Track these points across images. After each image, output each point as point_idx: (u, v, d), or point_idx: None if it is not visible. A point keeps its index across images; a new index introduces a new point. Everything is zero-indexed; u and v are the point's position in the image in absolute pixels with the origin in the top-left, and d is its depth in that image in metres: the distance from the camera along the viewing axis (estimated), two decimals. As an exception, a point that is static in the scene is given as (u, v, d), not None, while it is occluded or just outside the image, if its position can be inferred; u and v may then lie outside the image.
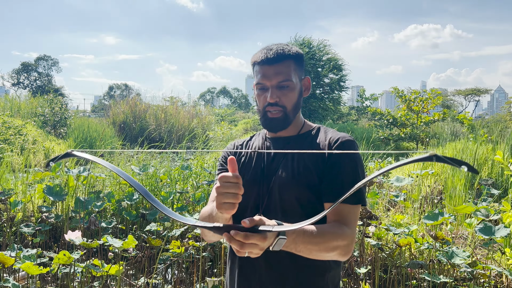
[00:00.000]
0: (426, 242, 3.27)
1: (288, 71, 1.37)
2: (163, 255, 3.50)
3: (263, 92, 1.40)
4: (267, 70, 1.37)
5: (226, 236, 0.96)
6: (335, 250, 1.20)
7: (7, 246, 3.76)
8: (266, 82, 1.38)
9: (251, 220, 0.95)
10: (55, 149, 11.11)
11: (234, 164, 1.05)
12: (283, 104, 1.38)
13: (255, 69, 1.41)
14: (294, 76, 1.39)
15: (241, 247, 0.95)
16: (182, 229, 3.47)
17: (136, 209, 4.59)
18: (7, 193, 4.32)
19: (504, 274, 3.18)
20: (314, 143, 1.43)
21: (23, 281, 3.21)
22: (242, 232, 0.94)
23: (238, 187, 1.03)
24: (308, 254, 1.16)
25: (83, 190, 4.93)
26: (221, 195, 1.03)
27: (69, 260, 2.61)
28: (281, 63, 1.37)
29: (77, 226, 4.05)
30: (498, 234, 2.98)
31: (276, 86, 1.37)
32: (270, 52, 1.37)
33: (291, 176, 1.36)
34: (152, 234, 4.15)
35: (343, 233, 1.23)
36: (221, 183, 1.04)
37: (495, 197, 4.85)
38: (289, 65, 1.38)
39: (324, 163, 1.35)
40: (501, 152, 3.49)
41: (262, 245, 0.97)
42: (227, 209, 1.03)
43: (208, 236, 1.38)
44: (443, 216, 3.23)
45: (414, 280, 3.31)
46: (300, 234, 1.11)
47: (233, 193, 1.02)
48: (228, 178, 1.03)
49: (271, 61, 1.37)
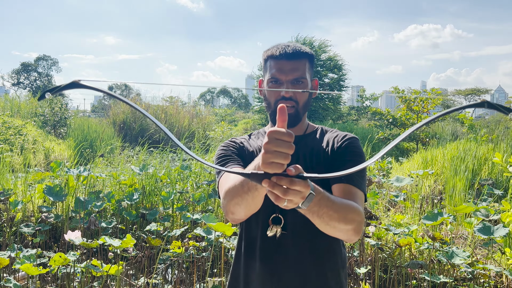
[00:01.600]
0: (426, 242, 3.27)
1: (303, 68, 1.38)
2: (163, 255, 3.50)
3: (277, 86, 1.39)
4: (284, 65, 1.37)
5: (267, 182, 0.89)
6: (351, 223, 1.18)
7: (7, 246, 3.76)
8: (281, 77, 1.37)
9: (296, 168, 0.89)
10: (55, 149, 11.11)
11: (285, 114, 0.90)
12: (296, 99, 1.38)
13: (269, 64, 1.40)
14: (308, 75, 1.40)
15: (284, 193, 0.89)
16: (182, 229, 3.47)
17: (136, 209, 4.59)
18: (7, 193, 4.32)
19: (504, 274, 3.18)
20: (321, 141, 1.45)
21: (23, 281, 3.21)
22: (287, 177, 0.88)
23: (291, 146, 0.89)
24: (327, 223, 1.12)
25: (83, 190, 4.93)
26: (270, 153, 0.88)
27: (65, 262, 2.61)
28: (298, 60, 1.37)
29: (77, 226, 4.05)
30: (497, 234, 2.98)
31: (291, 82, 1.37)
32: (289, 48, 1.38)
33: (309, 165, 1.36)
34: (152, 234, 4.15)
35: (358, 208, 1.23)
36: (271, 139, 0.88)
37: (495, 197, 4.85)
38: (304, 63, 1.39)
39: (334, 153, 1.39)
40: (500, 154, 3.49)
41: (305, 193, 0.92)
42: (274, 169, 0.89)
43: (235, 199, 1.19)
44: (442, 216, 3.23)
45: (414, 280, 3.31)
46: (325, 197, 1.08)
47: (285, 153, 0.88)
48: (282, 134, 0.88)
49: (289, 56, 1.36)
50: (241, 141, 1.53)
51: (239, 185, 1.15)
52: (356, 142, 1.43)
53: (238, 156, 1.45)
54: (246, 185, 1.11)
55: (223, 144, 1.52)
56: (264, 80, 1.44)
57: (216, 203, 4.81)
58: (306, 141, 1.45)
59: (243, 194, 1.14)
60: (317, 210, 1.07)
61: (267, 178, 0.90)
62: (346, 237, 1.24)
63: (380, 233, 3.46)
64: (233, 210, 1.23)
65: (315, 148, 1.44)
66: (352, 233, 1.21)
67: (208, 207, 4.74)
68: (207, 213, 4.68)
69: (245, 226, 1.47)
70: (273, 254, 1.40)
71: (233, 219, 1.29)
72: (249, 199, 1.14)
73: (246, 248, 1.46)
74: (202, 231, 3.20)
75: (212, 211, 4.67)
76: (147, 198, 4.93)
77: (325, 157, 1.40)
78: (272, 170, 0.89)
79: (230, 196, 1.20)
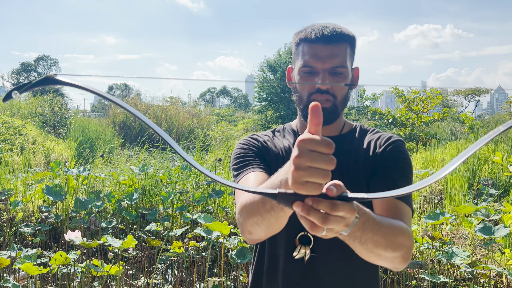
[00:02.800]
0: (426, 242, 3.27)
1: (344, 55, 1.14)
2: (163, 255, 3.50)
3: (310, 76, 1.14)
4: (321, 50, 1.12)
5: (300, 206, 0.66)
6: (400, 249, 0.95)
7: (7, 246, 3.75)
8: (317, 65, 1.12)
9: (337, 186, 0.66)
10: (55, 149, 11.11)
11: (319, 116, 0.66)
12: (334, 93, 1.15)
13: (302, 49, 1.15)
14: (349, 63, 1.16)
15: (324, 221, 0.66)
16: (182, 229, 3.47)
17: (136, 209, 4.59)
18: (7, 193, 4.32)
19: (504, 274, 3.18)
20: (361, 143, 1.22)
21: (23, 281, 3.21)
22: (328, 200, 0.66)
23: (332, 160, 0.65)
24: (371, 250, 0.90)
25: (83, 190, 4.93)
26: (304, 170, 0.65)
27: (66, 261, 2.61)
28: (337, 44, 1.13)
29: (77, 226, 4.05)
30: (498, 234, 2.98)
31: (329, 71, 1.13)
32: (327, 29, 1.12)
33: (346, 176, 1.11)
34: (152, 234, 4.15)
35: (408, 231, 1.00)
36: (303, 151, 0.65)
37: (495, 197, 4.85)
38: (345, 48, 1.14)
39: (376, 159, 1.17)
40: (500, 153, 3.49)
41: (350, 219, 0.69)
42: (309, 191, 0.66)
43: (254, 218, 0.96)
44: (444, 216, 3.23)
45: (414, 280, 3.31)
46: (370, 219, 0.85)
47: (324, 170, 0.65)
48: (317, 144, 0.65)
49: (328, 39, 1.12)
50: (264, 139, 1.28)
51: (259, 201, 0.92)
52: (402, 146, 1.19)
53: (260, 157, 1.22)
54: (268, 203, 0.89)
55: (243, 141, 1.28)
56: (295, 68, 1.20)
57: (216, 202, 4.81)
58: (343, 143, 1.21)
59: (264, 213, 0.92)
60: (359, 236, 0.85)
61: (299, 200, 0.67)
62: (392, 266, 1.01)
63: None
64: (251, 230, 1.00)
65: (354, 152, 1.20)
66: (400, 261, 0.98)
67: (208, 207, 4.74)
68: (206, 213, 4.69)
69: (267, 241, 1.20)
70: (299, 281, 1.16)
71: (251, 239, 1.06)
72: (271, 219, 0.91)
73: (268, 270, 1.22)
74: (202, 231, 3.20)
75: (212, 211, 4.67)
76: (147, 198, 4.93)
77: (366, 163, 1.17)
78: (307, 191, 0.66)
79: (247, 213, 0.98)
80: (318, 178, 0.65)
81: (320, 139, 0.65)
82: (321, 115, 0.66)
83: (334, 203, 0.66)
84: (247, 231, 1.02)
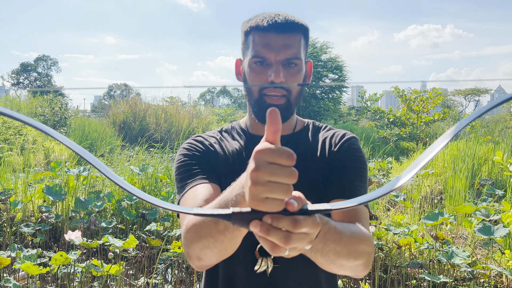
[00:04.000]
0: (426, 242, 3.27)
1: (298, 46, 1.04)
2: (163, 255, 3.50)
3: (263, 68, 1.03)
4: (274, 40, 1.01)
5: (258, 226, 0.59)
6: (362, 257, 0.90)
7: (7, 246, 3.76)
8: (270, 56, 1.02)
9: (298, 199, 0.59)
10: (55, 149, 11.12)
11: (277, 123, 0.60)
12: (288, 87, 1.05)
13: (252, 38, 1.04)
14: (303, 55, 1.06)
15: (286, 240, 0.59)
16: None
17: (136, 209, 4.59)
18: (7, 193, 4.32)
19: (504, 274, 3.18)
20: (315, 141, 1.15)
21: (23, 281, 3.21)
22: (289, 216, 0.59)
23: (293, 173, 0.59)
24: (333, 261, 0.83)
25: (83, 190, 4.93)
26: (262, 185, 0.58)
27: (66, 261, 2.62)
28: (291, 34, 1.03)
29: (77, 226, 4.05)
30: (497, 234, 2.98)
31: (283, 62, 1.02)
32: (280, 17, 1.02)
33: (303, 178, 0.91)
34: (152, 234, 4.15)
35: (369, 237, 0.94)
36: (261, 163, 0.58)
37: (495, 197, 4.85)
38: (299, 39, 1.05)
39: (331, 158, 1.10)
40: (501, 153, 3.49)
41: (313, 235, 0.63)
42: (270, 208, 0.59)
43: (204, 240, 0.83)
44: (443, 216, 3.23)
45: (414, 280, 3.31)
46: (331, 229, 0.77)
47: (285, 184, 0.58)
48: (277, 155, 0.58)
49: (281, 28, 1.01)
50: (211, 141, 1.15)
51: (210, 221, 0.79)
52: (357, 143, 1.14)
53: (206, 164, 1.08)
54: (222, 222, 0.76)
55: (186, 145, 1.13)
56: (245, 60, 1.08)
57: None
58: (297, 142, 1.13)
59: (216, 235, 0.79)
60: (321, 248, 0.77)
61: (257, 219, 0.60)
62: (353, 274, 0.94)
63: (380, 233, 3.46)
64: (200, 255, 0.87)
65: (309, 151, 1.12)
66: (362, 268, 0.93)
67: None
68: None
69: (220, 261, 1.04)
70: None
71: (200, 266, 0.92)
72: (225, 240, 0.79)
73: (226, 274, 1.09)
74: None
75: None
76: (147, 198, 4.92)
77: (321, 163, 1.10)
78: (267, 208, 0.59)
79: (196, 235, 0.84)
80: (279, 193, 0.58)
81: (279, 149, 0.59)
82: (280, 122, 0.60)
83: (296, 219, 0.59)
84: (195, 257, 0.88)
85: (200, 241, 0.84)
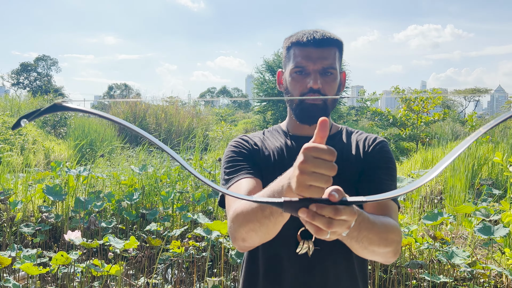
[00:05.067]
0: (426, 242, 3.27)
1: (333, 58, 1.21)
2: (163, 255, 3.50)
3: (303, 77, 1.20)
4: (312, 53, 1.18)
5: (305, 212, 0.72)
6: (391, 245, 1.04)
7: (7, 246, 3.76)
8: (309, 66, 1.18)
9: (338, 191, 0.73)
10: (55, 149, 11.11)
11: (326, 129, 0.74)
12: (325, 92, 1.20)
13: (293, 52, 1.22)
14: (338, 65, 1.23)
15: (328, 225, 0.72)
16: (182, 229, 3.47)
17: (136, 209, 4.59)
18: (7, 193, 4.32)
19: (504, 274, 3.18)
20: (349, 143, 1.29)
21: (23, 281, 3.21)
22: (331, 205, 0.72)
23: (334, 167, 0.73)
24: (366, 247, 0.97)
25: (83, 190, 4.93)
26: (308, 175, 0.73)
27: (67, 261, 2.62)
28: (327, 47, 1.20)
29: (77, 226, 4.05)
30: (497, 234, 2.98)
31: (320, 71, 1.19)
32: (318, 34, 1.20)
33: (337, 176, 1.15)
34: (152, 234, 4.15)
35: (397, 227, 1.08)
36: (308, 157, 0.73)
37: (495, 197, 4.85)
38: (335, 52, 1.22)
39: (365, 159, 1.24)
40: (500, 153, 3.49)
41: (351, 222, 0.76)
42: (312, 193, 0.74)
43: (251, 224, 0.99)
44: (442, 216, 3.23)
45: (414, 280, 3.31)
46: (365, 219, 0.92)
47: (326, 176, 0.73)
48: (322, 152, 0.73)
49: (319, 43, 1.19)
50: (255, 140, 1.31)
51: (257, 207, 0.96)
52: (387, 146, 1.27)
53: (250, 161, 1.24)
54: (268, 209, 0.93)
55: (234, 143, 1.30)
56: (286, 71, 1.26)
57: (216, 202, 4.81)
58: (334, 143, 1.24)
59: (262, 219, 0.95)
60: (356, 235, 0.92)
61: (304, 207, 0.73)
62: (384, 260, 1.09)
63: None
64: (245, 237, 1.03)
65: (344, 152, 1.26)
66: (391, 255, 1.07)
67: (208, 207, 4.74)
68: (206, 213, 4.69)
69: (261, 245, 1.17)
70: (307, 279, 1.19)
71: (243, 247, 1.09)
72: (270, 224, 0.95)
73: (266, 273, 1.22)
74: (202, 231, 3.20)
75: (212, 211, 4.67)
76: (147, 198, 4.93)
77: (356, 162, 1.24)
78: (310, 194, 0.74)
79: (244, 220, 1.01)
80: (321, 182, 0.73)
81: (323, 147, 0.73)
82: (328, 130, 0.73)
83: (337, 208, 0.72)
84: (240, 239, 1.05)
85: (247, 225, 1.00)
